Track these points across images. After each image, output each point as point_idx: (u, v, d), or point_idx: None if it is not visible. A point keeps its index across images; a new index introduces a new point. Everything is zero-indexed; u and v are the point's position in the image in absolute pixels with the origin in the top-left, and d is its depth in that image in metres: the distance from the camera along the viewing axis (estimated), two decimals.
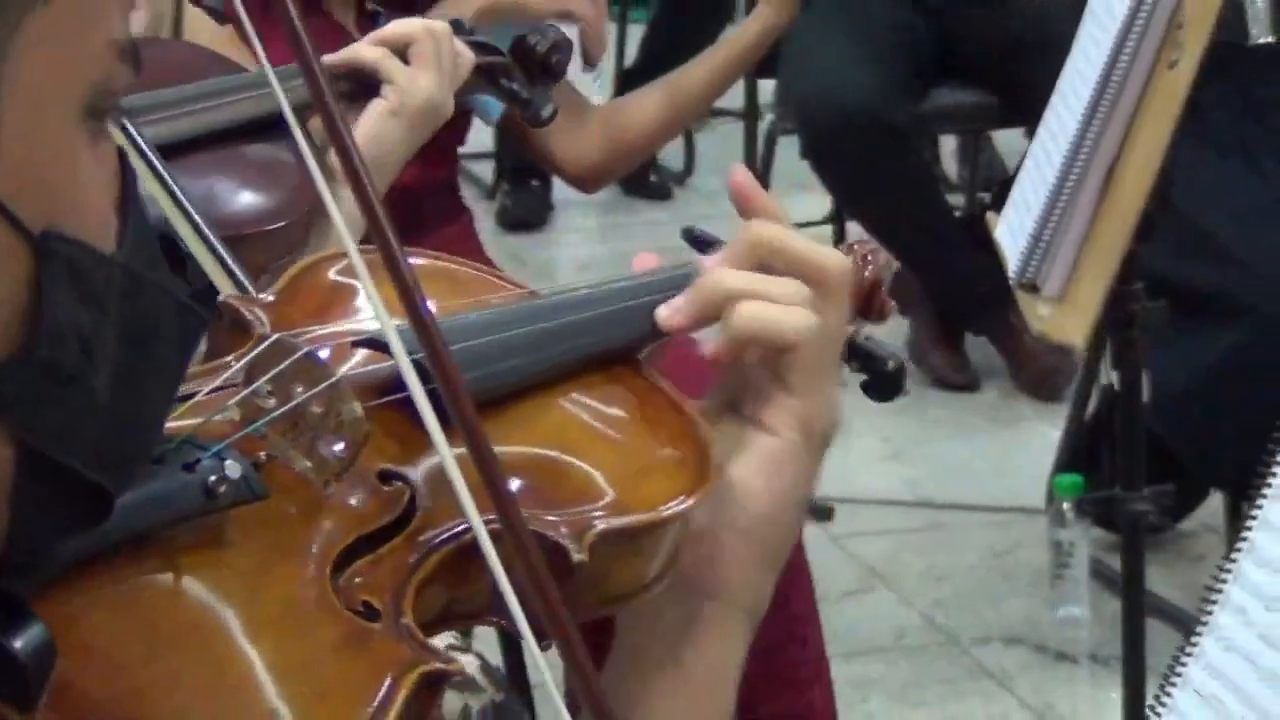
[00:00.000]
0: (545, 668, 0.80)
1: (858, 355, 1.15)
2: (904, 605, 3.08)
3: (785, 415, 1.06)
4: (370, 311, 0.96)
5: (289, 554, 0.88)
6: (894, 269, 1.23)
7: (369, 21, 2.34)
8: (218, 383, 0.94)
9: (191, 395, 0.92)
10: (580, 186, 2.67)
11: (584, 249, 4.94)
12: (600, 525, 0.96)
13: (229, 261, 1.28)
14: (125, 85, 0.73)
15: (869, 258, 1.22)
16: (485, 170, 5.02)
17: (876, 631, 2.99)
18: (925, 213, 3.54)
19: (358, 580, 0.88)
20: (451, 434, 0.81)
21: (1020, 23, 3.46)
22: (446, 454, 0.82)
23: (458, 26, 1.95)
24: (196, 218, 1.17)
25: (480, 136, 4.10)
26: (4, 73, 0.67)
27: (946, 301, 3.68)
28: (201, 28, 2.12)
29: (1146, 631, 2.26)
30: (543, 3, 2.36)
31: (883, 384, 1.16)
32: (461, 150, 5.31)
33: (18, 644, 0.72)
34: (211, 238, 1.26)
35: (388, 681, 0.81)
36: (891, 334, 3.88)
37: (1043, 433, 3.34)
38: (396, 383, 0.91)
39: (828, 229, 3.89)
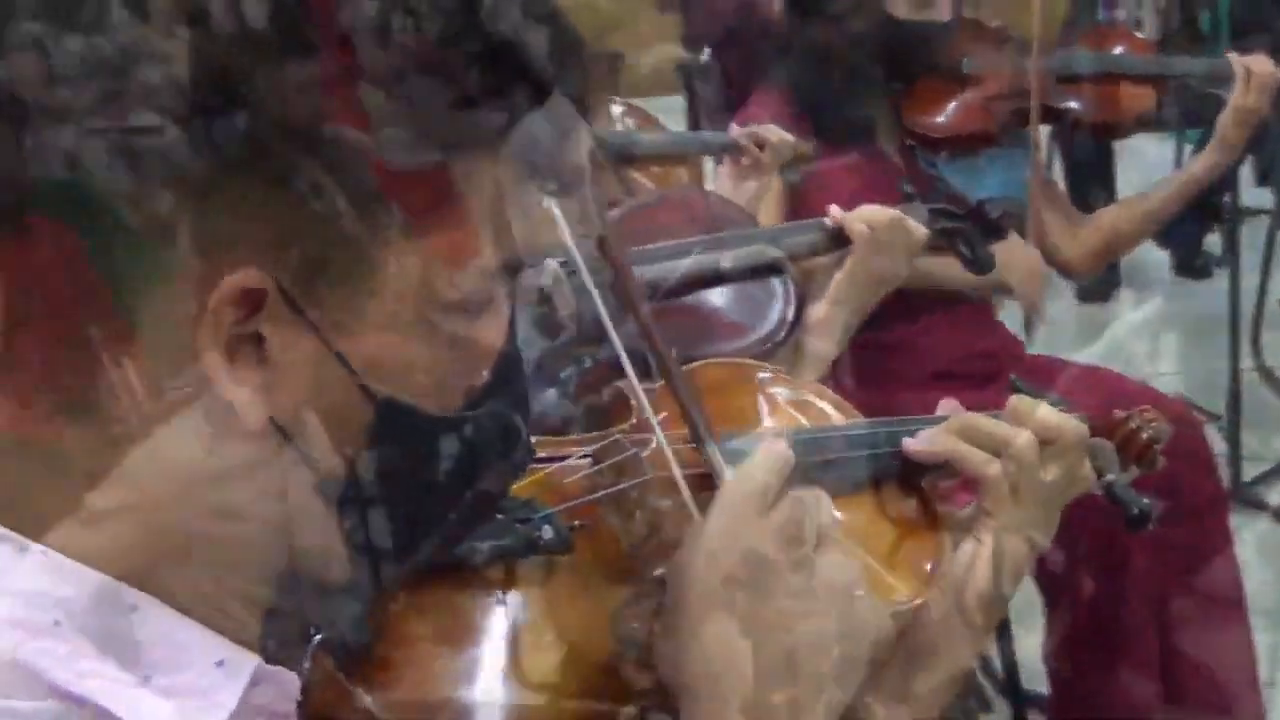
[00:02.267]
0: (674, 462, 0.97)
1: (1114, 498, 1.27)
2: None
3: (983, 529, 1.19)
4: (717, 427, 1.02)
5: (584, 591, 0.96)
6: (1168, 431, 1.32)
7: (908, 152, 2.58)
8: (579, 452, 1.05)
9: (552, 460, 1.04)
10: (1065, 273, 2.87)
11: (1137, 316, 5.33)
12: None
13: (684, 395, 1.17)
14: (488, 294, 0.77)
15: (1153, 422, 1.32)
16: None
17: None
18: None
19: (633, 622, 0.95)
20: None
21: None
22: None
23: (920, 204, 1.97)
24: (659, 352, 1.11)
25: None
26: (377, 282, 0.73)
27: None
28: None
29: None
30: None
31: (1130, 522, 1.27)
32: None
33: (345, 636, 0.84)
34: (670, 366, 1.15)
35: (625, 706, 0.89)
36: None
37: None
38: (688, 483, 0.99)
39: None
